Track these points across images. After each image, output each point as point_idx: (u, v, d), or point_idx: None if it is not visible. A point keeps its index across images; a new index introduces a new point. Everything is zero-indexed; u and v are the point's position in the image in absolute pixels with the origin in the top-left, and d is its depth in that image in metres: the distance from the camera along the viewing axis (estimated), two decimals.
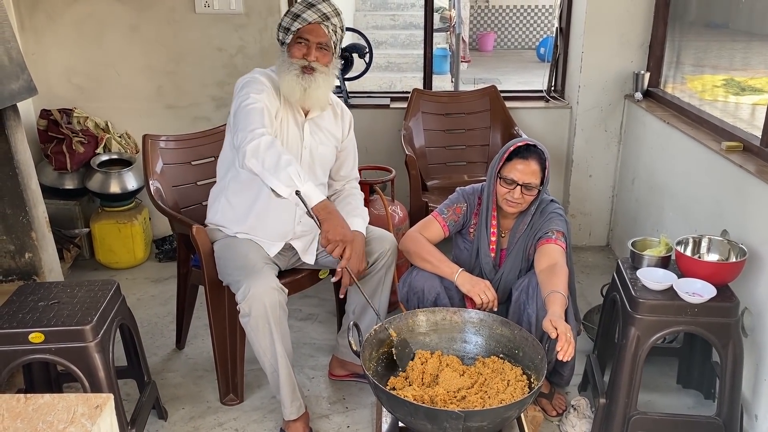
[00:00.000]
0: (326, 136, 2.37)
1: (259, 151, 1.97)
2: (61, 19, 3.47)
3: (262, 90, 2.18)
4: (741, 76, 3.27)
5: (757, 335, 2.19)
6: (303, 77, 2.19)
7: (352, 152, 2.50)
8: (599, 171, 3.74)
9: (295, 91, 2.20)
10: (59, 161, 3.37)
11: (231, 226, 2.34)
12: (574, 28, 3.67)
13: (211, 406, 2.46)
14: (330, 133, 2.38)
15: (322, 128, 2.35)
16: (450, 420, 1.69)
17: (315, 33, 2.20)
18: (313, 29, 2.19)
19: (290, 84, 2.20)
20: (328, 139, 2.37)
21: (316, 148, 2.33)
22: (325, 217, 2.02)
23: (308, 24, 2.18)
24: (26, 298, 2.05)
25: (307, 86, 2.20)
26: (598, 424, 2.22)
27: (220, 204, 2.37)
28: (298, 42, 2.21)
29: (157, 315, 3.11)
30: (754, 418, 2.20)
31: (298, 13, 2.19)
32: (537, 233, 2.29)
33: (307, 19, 2.18)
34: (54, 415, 1.00)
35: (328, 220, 2.02)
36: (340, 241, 2.05)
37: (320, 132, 2.35)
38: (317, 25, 2.19)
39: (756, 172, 2.22)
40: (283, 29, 2.23)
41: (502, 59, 10.30)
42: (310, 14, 2.18)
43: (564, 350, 1.85)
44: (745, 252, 2.13)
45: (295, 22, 2.19)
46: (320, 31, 2.20)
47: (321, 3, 2.20)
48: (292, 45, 2.22)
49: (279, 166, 1.95)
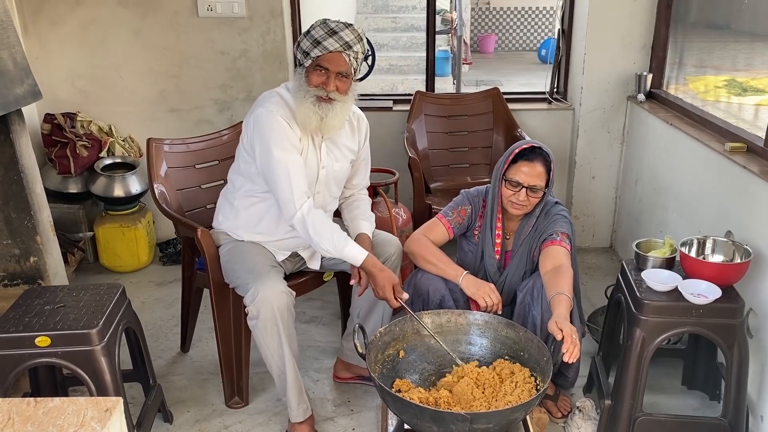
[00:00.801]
0: (342, 152, 2.32)
1: (299, 230, 2.16)
2: (65, 24, 3.48)
3: (284, 136, 2.12)
4: (743, 77, 3.27)
5: (762, 336, 2.19)
6: (320, 106, 2.10)
7: (366, 161, 2.47)
8: (602, 172, 3.74)
9: (312, 121, 2.13)
10: (63, 165, 3.38)
11: (239, 233, 2.34)
12: (576, 30, 3.67)
13: (216, 409, 2.46)
14: (346, 148, 2.34)
15: (338, 145, 2.31)
16: (456, 422, 1.69)
17: (335, 62, 2.08)
18: (333, 58, 2.08)
19: (307, 113, 2.12)
20: (344, 155, 2.33)
21: (332, 165, 2.29)
22: (370, 278, 2.18)
23: (329, 53, 2.07)
24: (32, 302, 2.05)
25: (324, 115, 2.12)
26: (603, 426, 2.22)
27: (231, 212, 2.35)
28: (317, 69, 2.10)
29: (161, 318, 3.11)
30: (759, 419, 2.20)
31: (319, 39, 2.06)
32: (542, 235, 2.30)
33: (328, 47, 2.06)
34: (64, 419, 1.00)
35: (371, 280, 2.18)
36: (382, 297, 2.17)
37: (336, 149, 2.30)
38: (338, 54, 2.07)
39: (760, 173, 2.22)
40: (302, 51, 2.11)
41: (503, 61, 10.31)
42: (331, 42, 2.06)
43: (569, 352, 1.85)
44: (749, 253, 2.13)
45: (315, 48, 2.07)
46: (341, 61, 2.08)
47: (343, 30, 2.08)
48: (311, 70, 2.11)
49: (317, 245, 2.16)
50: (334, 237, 2.14)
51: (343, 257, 2.16)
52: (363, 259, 2.16)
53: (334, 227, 2.17)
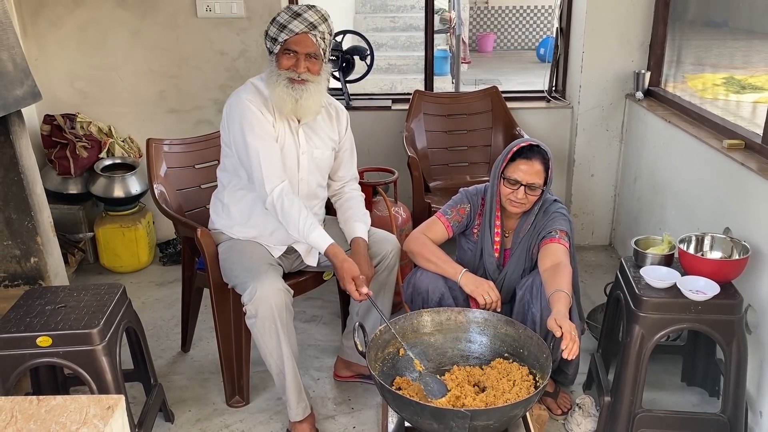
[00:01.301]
0: (322, 139, 2.35)
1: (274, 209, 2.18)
2: (64, 25, 3.49)
3: (254, 122, 2.16)
4: (741, 75, 3.27)
5: (760, 332, 2.20)
6: (293, 88, 2.15)
7: (349, 152, 2.48)
8: (601, 170, 3.75)
9: (287, 103, 2.17)
10: (63, 166, 3.39)
11: (234, 230, 2.36)
12: (574, 28, 3.68)
13: (217, 408, 2.47)
14: (326, 135, 2.36)
15: (317, 132, 2.34)
16: (456, 419, 1.70)
17: (303, 44, 2.14)
18: (300, 40, 2.13)
19: (281, 96, 2.16)
20: (324, 143, 2.36)
21: (312, 152, 2.32)
22: (333, 265, 2.18)
23: (295, 35, 2.12)
24: (33, 302, 2.06)
25: (299, 97, 2.16)
26: (603, 422, 2.23)
27: (223, 210, 2.38)
28: (285, 53, 2.15)
29: (161, 318, 3.12)
30: (758, 415, 2.21)
31: (284, 23, 2.12)
32: (540, 233, 2.30)
33: (293, 29, 2.11)
34: (66, 417, 1.01)
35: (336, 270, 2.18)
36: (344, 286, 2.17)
37: (315, 136, 2.33)
38: (304, 35, 2.13)
39: (758, 170, 2.23)
40: (270, 39, 2.17)
41: (502, 60, 10.31)
42: (296, 24, 2.11)
43: (569, 348, 1.86)
44: (747, 249, 2.14)
45: (282, 33, 2.13)
46: (308, 41, 2.14)
47: (307, 12, 2.13)
48: (280, 55, 2.16)
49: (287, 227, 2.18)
50: (300, 221, 2.16)
51: (310, 242, 2.20)
52: (326, 247, 2.18)
53: (304, 212, 2.18)
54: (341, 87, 3.83)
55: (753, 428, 2.23)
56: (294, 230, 2.18)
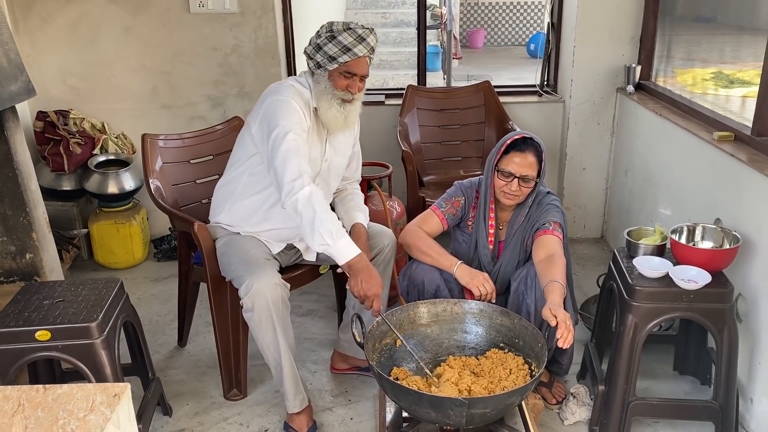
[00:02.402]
0: (342, 146, 2.38)
1: (298, 208, 2.06)
2: (55, 21, 3.48)
3: (299, 120, 2.15)
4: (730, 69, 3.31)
5: (751, 320, 2.24)
6: (344, 107, 2.21)
7: (357, 155, 2.52)
8: (593, 164, 3.78)
9: (338, 122, 2.23)
10: (56, 163, 3.38)
11: (236, 225, 2.36)
12: (565, 23, 3.71)
13: (215, 401, 2.48)
14: (345, 142, 2.40)
15: (339, 140, 2.37)
16: (454, 407, 1.72)
17: (362, 67, 2.18)
18: (360, 63, 2.17)
19: (334, 115, 2.20)
20: (343, 149, 2.39)
21: (332, 159, 2.35)
22: (352, 274, 2.09)
23: (357, 58, 2.15)
24: (31, 297, 2.06)
25: (347, 114, 2.23)
26: (597, 411, 2.26)
27: (228, 204, 2.36)
28: (344, 74, 2.17)
29: (158, 314, 3.12)
30: (749, 402, 2.25)
31: (349, 46, 2.12)
32: (534, 224, 2.33)
33: (357, 54, 2.14)
34: (74, 404, 1.02)
35: (353, 277, 2.09)
36: (362, 296, 2.09)
37: (338, 145, 2.37)
38: (364, 58, 2.17)
39: (747, 161, 2.27)
40: (328, 56, 2.15)
41: (493, 56, 10.34)
42: (360, 49, 2.13)
43: (564, 337, 1.88)
44: (738, 239, 2.17)
45: (345, 55, 2.13)
46: (365, 64, 2.20)
47: (369, 36, 2.16)
48: (336, 75, 2.17)
49: (314, 226, 2.04)
50: (334, 224, 2.08)
51: (335, 249, 2.07)
52: (352, 257, 2.08)
53: (334, 214, 2.15)
54: None
55: (744, 415, 2.26)
56: (323, 232, 2.04)
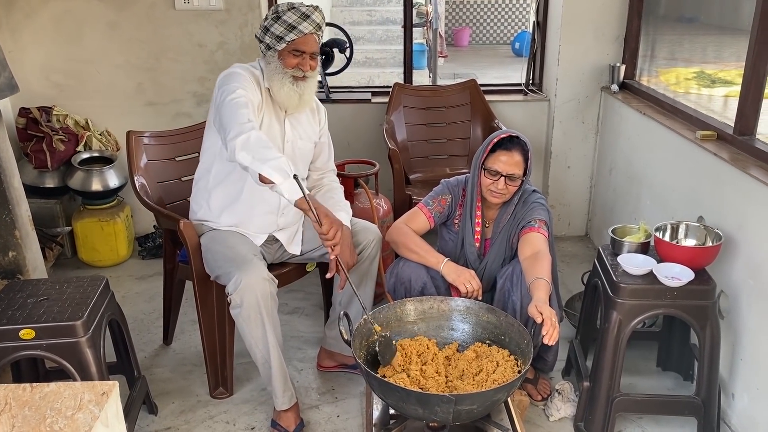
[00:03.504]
0: (305, 131, 2.40)
1: (250, 143, 1.95)
2: (39, 17, 3.44)
3: (246, 86, 2.18)
4: (712, 69, 3.35)
5: (732, 317, 2.27)
6: (297, 85, 2.23)
7: (327, 144, 2.53)
8: (577, 162, 3.81)
9: (293, 100, 2.24)
10: (39, 160, 3.35)
11: (215, 220, 2.36)
12: (551, 22, 3.73)
13: (201, 399, 2.47)
14: (309, 128, 2.42)
15: (301, 123, 2.38)
16: (441, 404, 1.73)
17: (309, 44, 2.21)
18: (307, 40, 2.20)
19: (287, 93, 2.22)
20: (307, 134, 2.41)
21: (296, 141, 2.36)
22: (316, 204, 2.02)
23: (304, 35, 2.19)
24: (14, 295, 2.04)
25: (302, 92, 2.25)
26: (582, 407, 2.28)
27: (204, 199, 2.37)
28: (292, 52, 2.20)
29: (143, 312, 3.10)
30: (731, 397, 2.28)
31: (294, 24, 2.17)
32: (520, 222, 2.34)
33: (303, 31, 2.17)
34: (61, 402, 1.02)
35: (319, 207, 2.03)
36: (334, 222, 2.05)
37: (300, 127, 2.38)
38: (311, 35, 2.21)
39: (730, 160, 2.30)
40: (275, 36, 2.19)
41: (478, 54, 10.36)
42: (306, 26, 2.17)
43: (549, 334, 1.90)
44: (720, 236, 2.20)
45: (291, 33, 2.17)
46: (313, 42, 2.23)
47: (314, 13, 2.20)
48: (286, 54, 2.21)
49: (269, 156, 1.94)
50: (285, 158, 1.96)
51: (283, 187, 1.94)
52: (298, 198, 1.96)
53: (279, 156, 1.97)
54: (321, 80, 3.84)
55: (726, 410, 2.30)
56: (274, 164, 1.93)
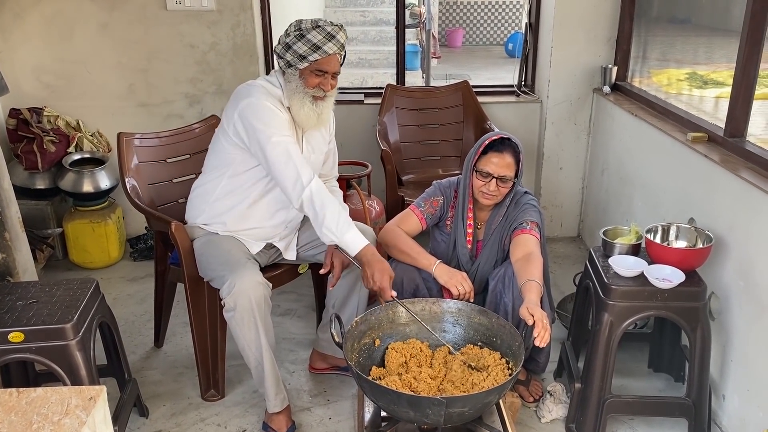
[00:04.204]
0: (318, 142, 2.38)
1: (305, 210, 2.14)
2: (29, 17, 3.42)
3: (280, 123, 2.15)
4: (703, 70, 3.37)
5: (723, 318, 2.28)
6: (316, 104, 2.21)
7: (333, 150, 2.52)
8: (569, 163, 3.82)
9: (311, 119, 2.22)
10: (30, 161, 3.33)
11: (215, 224, 2.34)
12: (543, 24, 3.74)
13: (192, 402, 2.47)
14: (321, 139, 2.40)
15: (315, 138, 2.37)
16: (432, 407, 1.73)
17: (333, 64, 2.18)
18: (331, 61, 2.17)
19: (307, 113, 2.20)
20: (319, 148, 2.39)
21: (310, 157, 2.33)
22: (363, 266, 2.15)
23: (328, 56, 2.15)
24: (3, 297, 2.03)
25: (320, 112, 2.23)
26: (573, 408, 2.29)
27: (206, 205, 2.35)
28: (315, 72, 2.17)
29: (133, 314, 3.09)
30: (721, 398, 2.29)
31: (319, 44, 2.12)
32: (512, 224, 2.35)
33: (327, 51, 2.13)
34: (48, 408, 1.01)
35: (363, 269, 2.15)
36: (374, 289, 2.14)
37: (314, 141, 2.36)
38: (335, 56, 2.17)
39: (720, 162, 2.31)
40: (298, 55, 2.14)
41: (471, 55, 10.39)
42: (330, 47, 2.13)
43: (541, 336, 1.90)
44: (711, 238, 2.21)
45: (315, 53, 2.13)
46: (337, 62, 2.20)
47: (339, 33, 2.16)
48: (307, 73, 2.17)
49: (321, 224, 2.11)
50: (339, 218, 2.12)
51: (343, 241, 2.13)
52: (361, 248, 2.13)
53: (340, 209, 2.15)
54: None
55: (716, 411, 2.31)
56: (331, 225, 2.10)
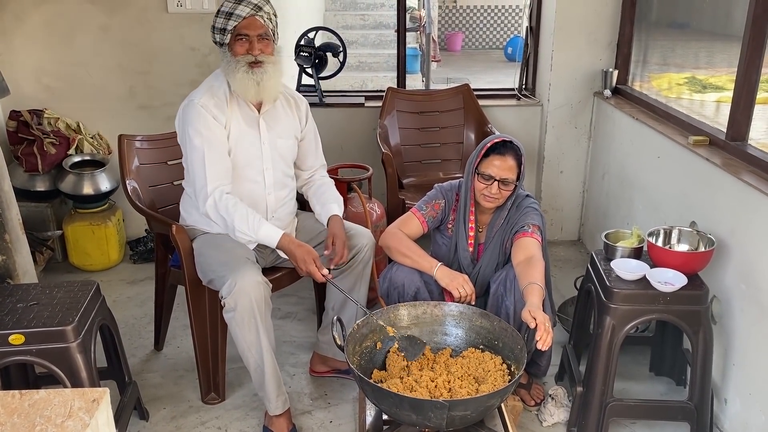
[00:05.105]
0: (284, 128, 2.36)
1: (212, 218, 2.21)
2: (30, 20, 3.42)
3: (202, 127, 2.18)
4: (703, 75, 3.37)
5: (725, 322, 2.27)
6: (253, 72, 2.19)
7: (314, 140, 2.50)
8: (570, 167, 3.82)
9: (249, 88, 2.20)
10: (30, 163, 3.33)
11: (206, 225, 2.34)
12: (544, 28, 3.74)
13: (192, 405, 2.46)
14: (288, 124, 2.38)
15: (278, 121, 2.35)
16: (434, 410, 1.73)
17: (253, 26, 2.19)
18: (249, 23, 2.18)
19: (243, 82, 2.19)
20: (286, 132, 2.37)
21: (275, 142, 2.33)
22: (289, 257, 2.22)
23: (243, 19, 2.17)
24: (4, 300, 2.02)
25: (260, 80, 2.20)
26: (575, 412, 2.28)
27: (193, 207, 2.36)
28: (238, 39, 2.19)
29: (134, 316, 3.08)
30: (723, 402, 2.29)
31: (230, 11, 2.17)
32: (513, 227, 2.34)
33: (240, 14, 2.17)
34: (51, 410, 1.00)
35: (291, 260, 2.21)
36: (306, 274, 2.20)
37: (277, 125, 2.35)
38: (252, 18, 2.18)
39: (722, 165, 2.31)
40: (219, 30, 2.20)
41: (471, 59, 10.40)
42: (242, 9, 2.17)
43: (543, 339, 1.89)
44: (713, 242, 2.21)
45: (230, 20, 2.18)
46: (257, 23, 2.19)
47: None
48: (233, 43, 2.20)
49: (233, 230, 2.18)
50: (249, 217, 2.17)
51: (260, 238, 2.20)
52: (279, 238, 2.19)
53: (249, 209, 2.20)
54: (314, 83, 3.83)
55: (718, 415, 2.30)
56: (242, 227, 2.17)
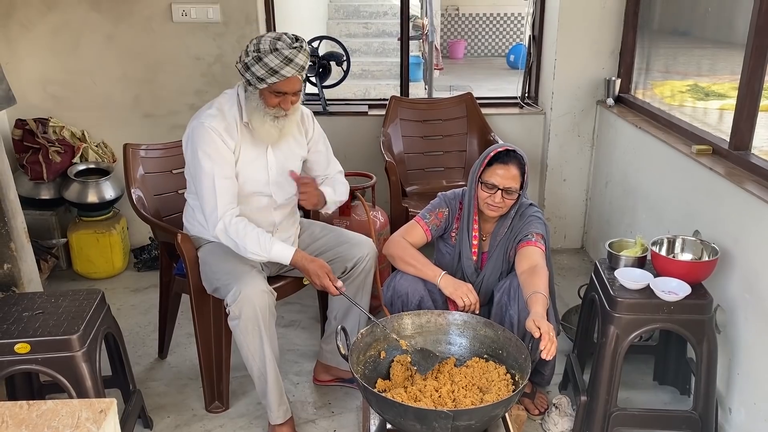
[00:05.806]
0: (291, 151, 2.36)
1: (222, 241, 2.22)
2: (36, 29, 3.44)
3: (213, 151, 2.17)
4: (705, 82, 3.38)
5: (729, 331, 2.27)
6: (277, 122, 2.20)
7: (324, 149, 2.48)
8: (573, 175, 3.82)
9: (273, 135, 2.23)
10: (35, 171, 3.34)
11: (209, 236, 2.34)
12: (546, 36, 3.76)
13: (196, 413, 2.46)
14: (295, 144, 2.37)
15: (286, 146, 2.35)
16: (439, 420, 1.73)
17: (292, 85, 2.15)
18: (290, 82, 2.14)
19: (268, 131, 2.21)
20: (293, 153, 2.37)
21: (282, 167, 2.32)
22: (303, 273, 2.24)
23: (286, 79, 2.12)
24: (9, 309, 2.03)
25: (281, 127, 2.22)
26: (579, 421, 2.28)
27: (195, 219, 2.37)
28: (274, 93, 2.15)
29: (138, 325, 3.09)
30: (728, 411, 2.28)
31: (276, 68, 2.08)
32: (517, 236, 2.35)
33: (285, 75, 2.10)
34: (59, 421, 1.01)
35: (305, 275, 2.24)
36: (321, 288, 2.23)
37: (285, 150, 2.34)
38: (294, 77, 2.14)
39: (725, 174, 2.31)
40: (256, 77, 2.11)
41: (473, 66, 10.41)
42: (288, 70, 2.09)
43: (547, 349, 1.89)
44: (717, 251, 2.21)
45: (273, 76, 2.09)
46: (297, 82, 2.16)
47: (297, 56, 2.09)
48: (266, 93, 2.15)
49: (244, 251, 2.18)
50: (260, 238, 2.18)
51: (272, 258, 2.21)
52: (291, 256, 2.21)
53: (259, 230, 2.20)
54: (318, 92, 3.85)
55: (723, 425, 2.29)
56: (255, 249, 2.17)
